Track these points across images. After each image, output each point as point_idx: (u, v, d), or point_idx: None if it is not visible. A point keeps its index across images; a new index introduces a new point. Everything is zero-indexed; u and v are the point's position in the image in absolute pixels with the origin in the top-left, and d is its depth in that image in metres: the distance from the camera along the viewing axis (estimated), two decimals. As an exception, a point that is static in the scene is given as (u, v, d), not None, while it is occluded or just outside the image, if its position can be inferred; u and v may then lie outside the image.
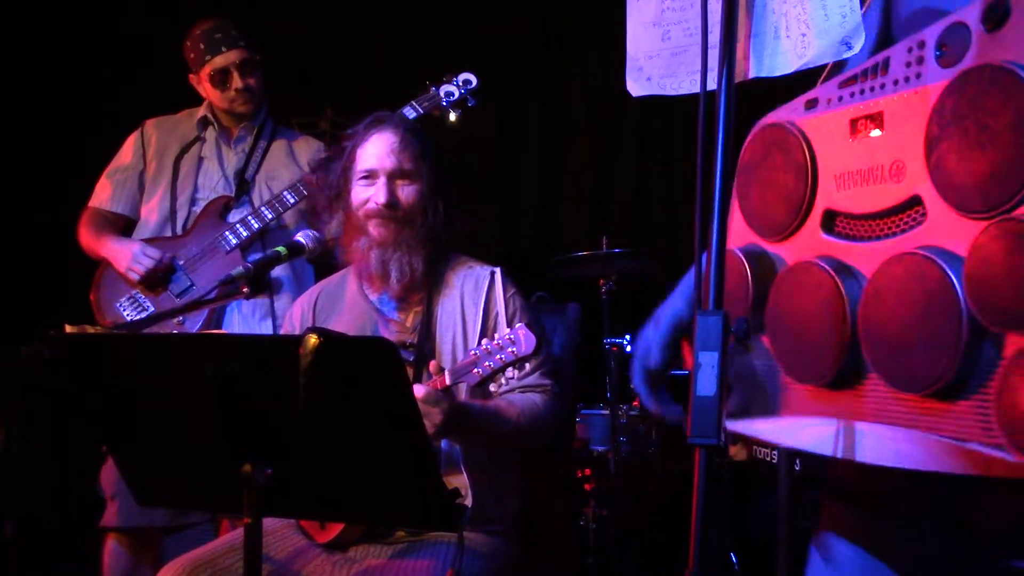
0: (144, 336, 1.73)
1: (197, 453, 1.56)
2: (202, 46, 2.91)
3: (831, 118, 1.12)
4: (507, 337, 1.87)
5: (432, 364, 1.96)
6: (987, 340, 0.95)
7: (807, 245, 1.14)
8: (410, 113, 2.85)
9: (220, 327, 2.83)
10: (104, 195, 3.00)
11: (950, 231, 0.99)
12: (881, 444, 1.05)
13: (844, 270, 1.09)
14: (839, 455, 1.09)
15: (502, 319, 2.12)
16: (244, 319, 2.86)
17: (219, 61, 2.90)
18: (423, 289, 2.19)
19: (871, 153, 1.07)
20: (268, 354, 1.49)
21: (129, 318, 2.81)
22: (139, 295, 2.84)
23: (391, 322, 2.19)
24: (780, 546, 2.25)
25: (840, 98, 1.11)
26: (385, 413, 1.43)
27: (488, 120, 4.40)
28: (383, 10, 4.38)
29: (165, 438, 1.58)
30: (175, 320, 2.75)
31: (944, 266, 0.97)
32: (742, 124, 1.23)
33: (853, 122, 1.10)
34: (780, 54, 1.16)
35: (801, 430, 1.14)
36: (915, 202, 1.04)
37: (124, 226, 3.01)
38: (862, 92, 1.09)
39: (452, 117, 2.91)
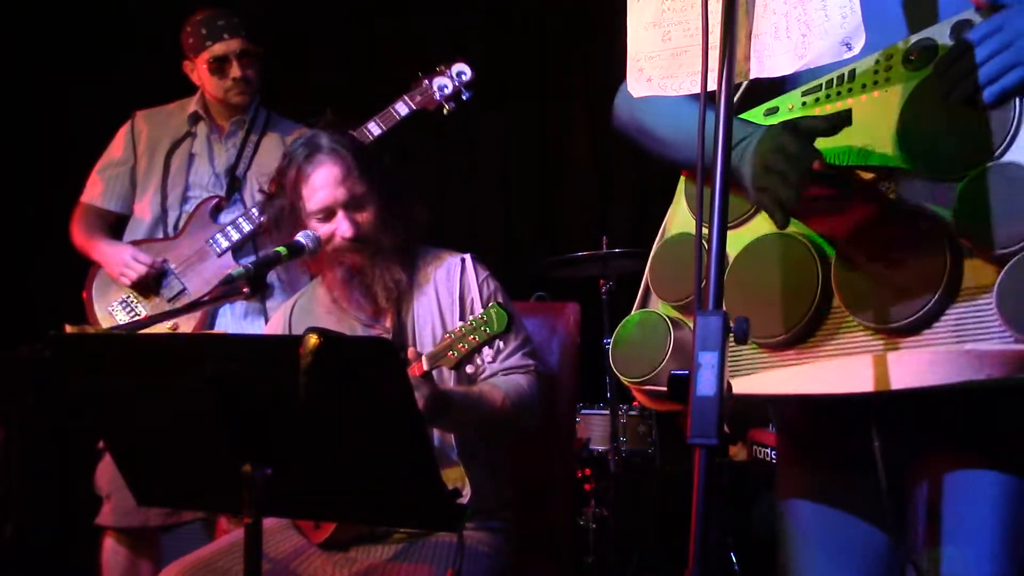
0: (144, 336, 1.73)
1: (197, 453, 1.56)
2: (203, 31, 2.86)
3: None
4: (480, 317, 1.86)
5: (410, 351, 1.94)
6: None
7: (761, 228, 1.37)
8: (402, 109, 2.80)
9: (212, 329, 2.81)
10: (96, 191, 2.97)
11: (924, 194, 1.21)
12: (907, 369, 1.18)
13: (806, 235, 1.32)
14: (862, 389, 1.21)
15: (477, 304, 2.10)
16: (236, 321, 2.83)
17: (219, 48, 2.84)
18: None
19: (835, 143, 1.28)
20: (268, 354, 1.49)
21: (120, 321, 2.80)
22: (131, 298, 2.82)
23: (369, 326, 2.16)
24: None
25: (804, 104, 1.35)
26: (385, 413, 1.44)
27: (488, 120, 4.39)
28: (382, 2, 4.37)
29: (165, 438, 1.58)
30: (169, 324, 2.73)
31: (932, 212, 1.20)
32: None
33: None
34: (780, 55, 1.16)
35: (809, 374, 1.27)
36: (883, 177, 1.26)
37: (117, 220, 2.99)
38: (828, 96, 1.32)
39: (446, 110, 2.83)
